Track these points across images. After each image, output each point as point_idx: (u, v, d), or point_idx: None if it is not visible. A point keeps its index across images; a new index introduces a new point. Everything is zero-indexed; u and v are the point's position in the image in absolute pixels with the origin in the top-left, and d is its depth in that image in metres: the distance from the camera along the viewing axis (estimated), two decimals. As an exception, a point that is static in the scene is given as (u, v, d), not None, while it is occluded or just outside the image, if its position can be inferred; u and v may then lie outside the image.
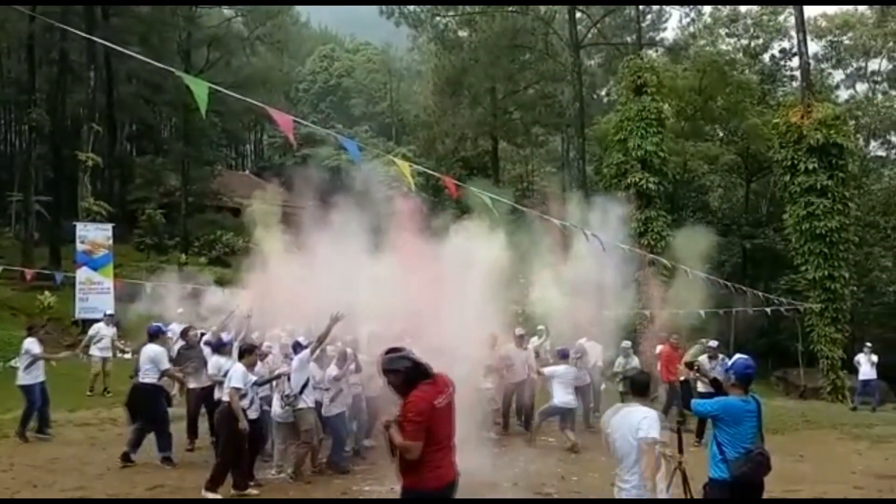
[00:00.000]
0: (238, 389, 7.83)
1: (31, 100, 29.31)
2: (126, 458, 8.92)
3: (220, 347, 9.39)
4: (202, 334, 10.70)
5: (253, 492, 7.95)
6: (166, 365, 9.32)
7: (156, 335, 9.61)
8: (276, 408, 8.70)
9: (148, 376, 9.12)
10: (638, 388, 5.45)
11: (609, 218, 11.60)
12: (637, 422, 4.88)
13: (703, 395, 9.37)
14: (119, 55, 28.23)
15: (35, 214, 29.76)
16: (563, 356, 10.92)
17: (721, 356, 11.63)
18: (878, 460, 10.49)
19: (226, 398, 7.85)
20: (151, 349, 9.26)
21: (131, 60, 28.38)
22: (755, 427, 5.29)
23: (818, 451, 11.17)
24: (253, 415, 8.13)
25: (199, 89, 5.17)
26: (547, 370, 10.95)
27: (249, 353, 8.29)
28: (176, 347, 11.97)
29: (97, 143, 27.27)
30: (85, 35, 18.89)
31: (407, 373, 4.45)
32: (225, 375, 8.25)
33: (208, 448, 9.38)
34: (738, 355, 5.92)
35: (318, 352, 8.72)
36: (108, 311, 17.71)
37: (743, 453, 5.14)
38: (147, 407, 9.05)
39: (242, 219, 38.88)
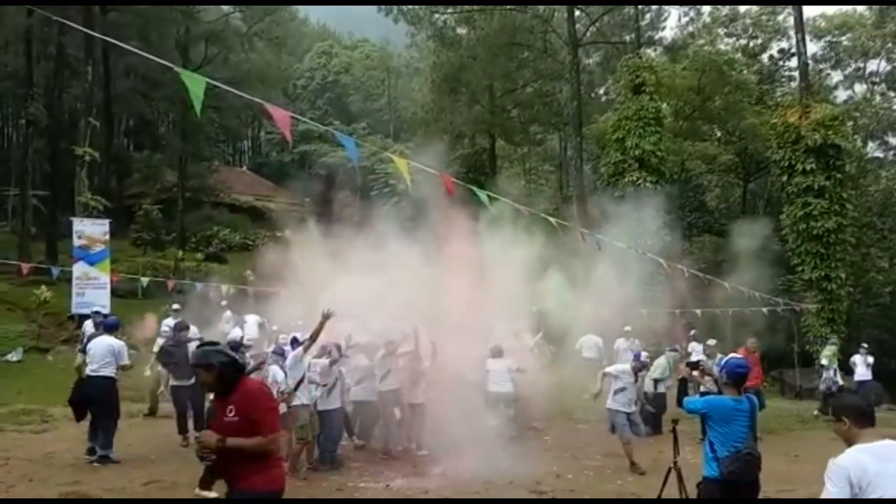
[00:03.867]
0: None
1: (29, 94, 29.19)
2: (92, 452, 8.94)
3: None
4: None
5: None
6: (127, 360, 9.22)
7: (115, 328, 9.56)
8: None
9: (106, 369, 8.98)
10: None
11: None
12: None
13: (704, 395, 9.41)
14: (117, 50, 28.19)
15: (32, 209, 29.66)
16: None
17: (719, 355, 11.67)
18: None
19: None
20: (111, 343, 9.15)
21: (129, 55, 28.32)
22: (747, 427, 5.33)
23: (813, 451, 11.17)
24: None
25: (196, 85, 5.15)
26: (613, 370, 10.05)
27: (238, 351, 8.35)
28: (159, 342, 12.01)
29: (94, 138, 27.17)
30: (83, 29, 18.81)
31: (223, 368, 4.06)
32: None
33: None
34: (731, 355, 5.97)
35: (311, 348, 8.78)
36: (95, 308, 17.72)
37: (733, 452, 5.18)
38: (103, 400, 8.89)
39: (241, 215, 39.13)
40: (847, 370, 17.16)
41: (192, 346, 10.09)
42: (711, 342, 14.65)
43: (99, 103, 31.91)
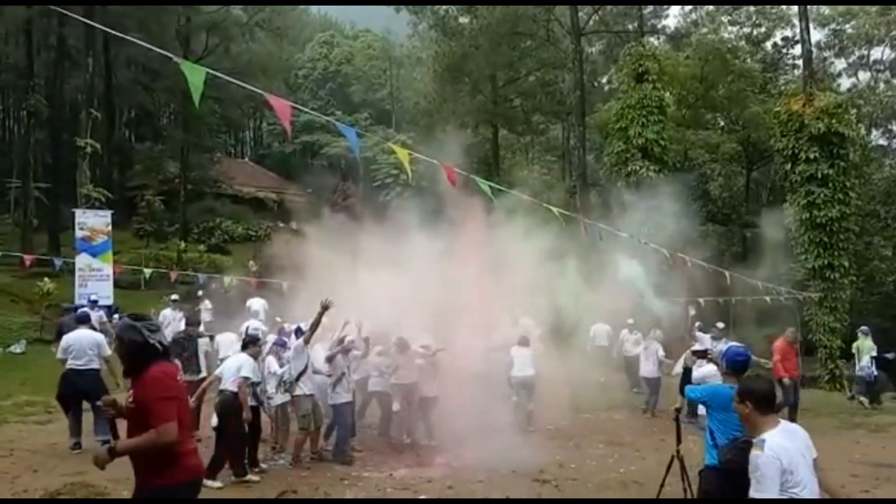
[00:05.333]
0: (247, 380, 7.89)
1: (30, 85, 29.18)
2: (78, 447, 9.01)
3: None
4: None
5: (253, 478, 7.99)
6: (108, 351, 9.23)
7: (86, 320, 9.65)
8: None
9: (93, 363, 9.10)
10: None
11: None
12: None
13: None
14: (117, 41, 28.13)
15: (34, 201, 29.70)
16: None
17: (724, 339, 11.71)
18: (876, 449, 10.53)
19: (232, 388, 7.87)
20: (94, 336, 9.29)
21: (130, 46, 28.29)
22: None
23: (815, 439, 11.09)
24: (252, 402, 8.21)
25: (196, 76, 5.13)
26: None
27: (254, 344, 8.38)
28: (167, 331, 12.10)
29: (96, 130, 27.20)
30: (83, 20, 18.74)
31: (131, 346, 3.86)
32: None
33: (208, 436, 9.40)
34: (731, 343, 5.98)
35: (311, 339, 8.79)
36: (92, 297, 17.84)
37: (732, 440, 5.21)
38: (97, 392, 8.68)
39: (241, 205, 39.12)
40: (850, 358, 17.17)
41: (203, 340, 10.12)
42: (720, 325, 14.62)
43: (100, 94, 31.92)
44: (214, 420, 8.07)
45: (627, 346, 15.43)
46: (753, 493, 3.68)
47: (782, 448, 3.69)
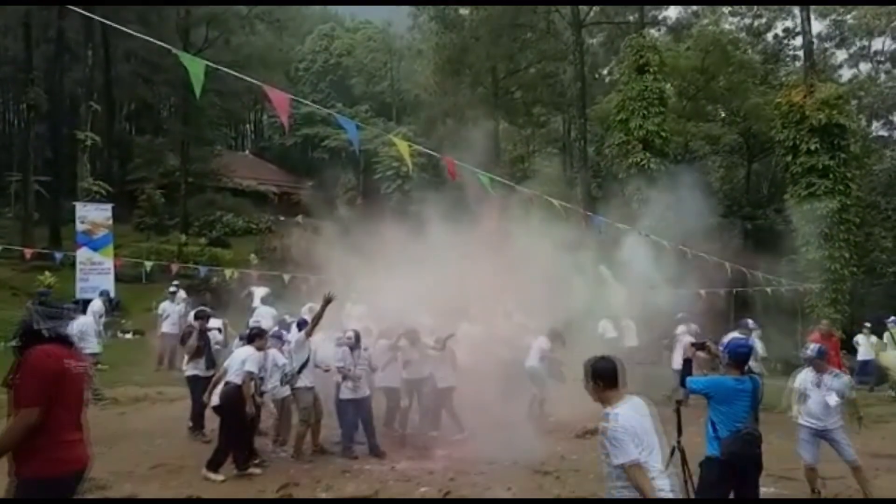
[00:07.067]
0: (251, 373, 7.89)
1: (29, 78, 29.11)
2: None
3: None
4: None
5: (255, 471, 8.01)
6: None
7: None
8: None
9: (91, 348, 9.55)
10: None
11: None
12: None
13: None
14: (117, 33, 28.02)
15: (34, 194, 29.69)
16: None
17: (729, 335, 11.66)
18: (875, 440, 10.53)
19: (236, 381, 7.88)
20: (81, 321, 9.47)
21: (129, 39, 28.14)
22: (748, 406, 5.36)
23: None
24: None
25: (195, 68, 5.12)
26: None
27: (260, 337, 8.36)
28: (165, 323, 12.49)
29: (96, 123, 27.14)
30: (83, 12, 18.67)
31: (21, 329, 3.88)
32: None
33: (212, 430, 9.41)
34: (732, 335, 6.00)
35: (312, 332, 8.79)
36: (102, 290, 17.84)
37: (734, 432, 5.22)
38: None
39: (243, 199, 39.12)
40: (850, 350, 17.17)
41: (213, 335, 10.05)
42: (750, 322, 14.37)
43: (100, 87, 31.87)
44: (215, 399, 8.09)
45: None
46: (614, 461, 3.93)
47: (629, 418, 4.01)
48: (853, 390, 7.30)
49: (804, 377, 7.30)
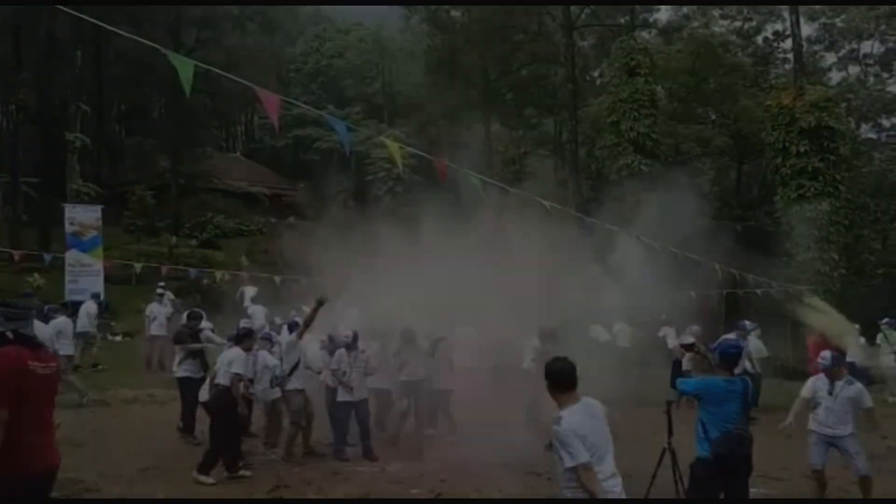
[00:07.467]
0: (239, 375, 7.84)
1: (18, 79, 28.91)
2: None
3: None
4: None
5: (246, 472, 7.97)
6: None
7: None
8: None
9: (65, 349, 9.57)
10: None
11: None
12: None
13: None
14: (107, 34, 27.89)
15: (23, 196, 29.48)
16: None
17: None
18: (875, 439, 10.58)
19: (224, 383, 7.84)
20: (58, 322, 9.45)
21: (119, 40, 28.00)
22: (739, 407, 5.38)
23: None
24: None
25: (185, 68, 5.11)
26: None
27: (248, 338, 8.31)
28: (153, 325, 12.48)
29: (85, 124, 26.99)
30: (72, 12, 18.57)
31: None
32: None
33: (203, 432, 9.36)
34: (724, 336, 6.03)
35: (304, 334, 8.77)
36: (93, 293, 17.76)
37: (724, 433, 5.24)
38: None
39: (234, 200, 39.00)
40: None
41: (204, 335, 10.01)
42: (747, 323, 14.35)
43: (90, 89, 31.68)
44: (203, 395, 8.04)
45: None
46: (567, 463, 3.97)
47: (577, 421, 4.04)
48: (869, 397, 6.94)
49: (816, 385, 7.06)
